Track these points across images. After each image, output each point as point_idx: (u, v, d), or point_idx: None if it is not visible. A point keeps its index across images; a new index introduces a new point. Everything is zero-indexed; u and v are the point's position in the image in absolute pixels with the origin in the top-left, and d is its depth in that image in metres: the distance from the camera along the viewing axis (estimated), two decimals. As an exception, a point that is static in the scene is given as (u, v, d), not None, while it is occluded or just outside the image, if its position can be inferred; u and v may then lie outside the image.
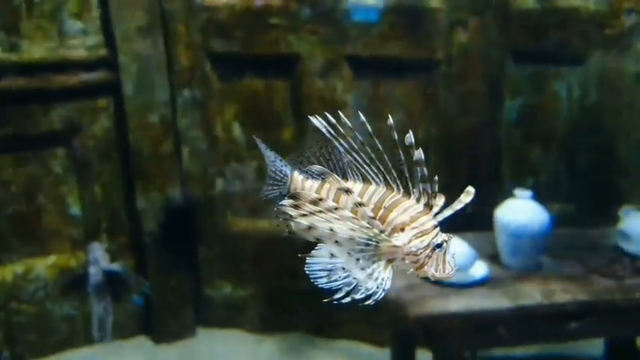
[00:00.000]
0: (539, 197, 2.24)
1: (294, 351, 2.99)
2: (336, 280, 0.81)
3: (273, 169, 0.94)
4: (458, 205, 0.83)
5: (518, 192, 2.22)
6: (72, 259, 2.92)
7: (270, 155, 0.95)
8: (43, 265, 2.90)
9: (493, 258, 2.24)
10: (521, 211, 2.18)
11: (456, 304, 1.95)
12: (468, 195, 0.83)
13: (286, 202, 0.82)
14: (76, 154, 2.88)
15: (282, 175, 0.93)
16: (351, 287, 0.81)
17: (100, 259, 2.17)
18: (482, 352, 2.61)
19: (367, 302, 0.80)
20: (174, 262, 3.06)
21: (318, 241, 0.82)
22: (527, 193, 2.21)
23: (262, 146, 0.95)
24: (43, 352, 2.92)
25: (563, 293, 2.03)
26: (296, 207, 0.82)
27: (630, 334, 2.36)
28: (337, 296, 0.81)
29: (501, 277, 2.14)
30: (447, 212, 0.83)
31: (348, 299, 0.81)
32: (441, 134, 2.81)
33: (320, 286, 0.81)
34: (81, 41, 2.72)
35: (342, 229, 0.80)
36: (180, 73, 2.88)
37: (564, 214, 2.86)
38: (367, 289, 0.80)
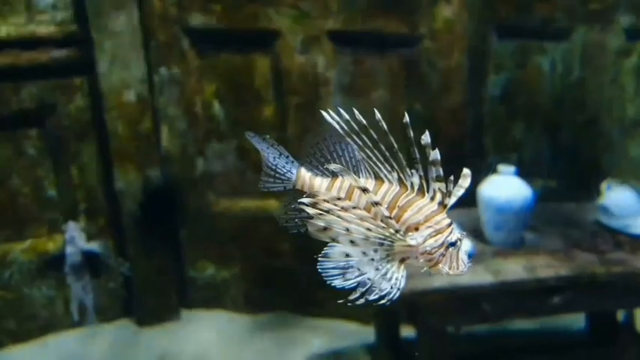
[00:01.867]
0: (522, 173, 2.23)
1: (278, 330, 2.99)
2: (349, 280, 0.80)
3: (275, 164, 0.91)
4: (459, 191, 0.82)
5: (501, 168, 2.21)
6: (49, 242, 2.86)
7: (276, 150, 0.91)
8: (20, 250, 2.84)
9: (476, 234, 2.23)
10: (504, 187, 2.17)
11: (439, 280, 1.95)
12: (465, 178, 0.82)
13: (306, 200, 0.81)
14: (51, 134, 2.80)
15: (286, 170, 0.90)
16: (366, 288, 0.80)
17: (77, 238, 2.11)
18: (466, 328, 2.62)
19: (381, 302, 0.80)
20: (156, 243, 3.02)
21: (333, 240, 0.81)
22: (511, 168, 2.20)
23: (270, 142, 0.91)
24: (23, 338, 2.88)
25: (545, 268, 2.04)
26: (313, 206, 0.81)
27: (611, 307, 2.38)
28: (352, 297, 0.80)
29: (484, 253, 2.14)
30: (451, 201, 0.82)
31: (362, 300, 0.80)
32: (424, 110, 2.78)
33: (334, 285, 0.80)
34: (51, 16, 2.62)
35: (358, 229, 0.80)
36: (156, 49, 2.80)
37: (547, 189, 2.87)
38: (381, 290, 0.80)
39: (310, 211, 0.80)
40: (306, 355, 2.76)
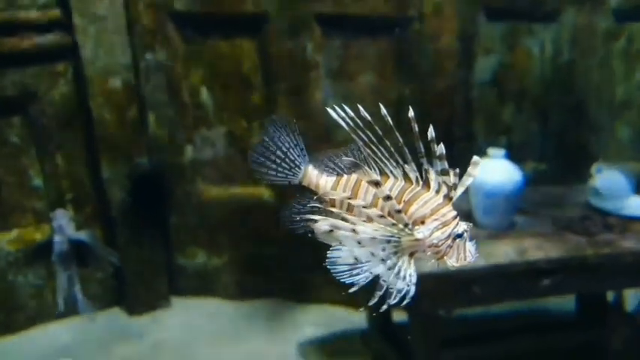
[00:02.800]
0: (512, 156, 2.23)
1: (270, 317, 2.99)
2: (358, 274, 0.81)
3: (286, 155, 0.90)
4: (468, 180, 0.82)
5: (491, 151, 2.20)
6: (36, 232, 2.82)
7: (292, 140, 0.90)
8: (6, 240, 2.79)
9: (467, 217, 2.22)
10: (494, 171, 2.16)
11: (430, 264, 1.94)
12: (475, 166, 0.81)
13: (314, 204, 0.83)
14: (34, 122, 2.75)
15: (294, 165, 0.90)
16: (383, 290, 0.82)
17: (65, 226, 2.07)
18: (457, 311, 2.63)
19: (404, 302, 0.81)
20: (145, 231, 2.99)
21: (340, 243, 0.81)
22: (501, 152, 2.19)
23: (293, 129, 0.90)
24: (12, 328, 2.85)
25: (536, 251, 2.04)
26: (321, 209, 0.82)
27: (601, 289, 2.40)
28: (372, 303, 0.82)
29: (475, 236, 2.12)
30: (460, 190, 0.82)
31: (385, 306, 0.82)
32: (414, 94, 2.76)
33: (343, 281, 0.81)
34: (32, 1, 2.55)
35: (365, 229, 0.80)
36: (141, 34, 2.74)
37: (537, 172, 2.87)
38: (399, 290, 0.82)
39: (317, 218, 0.80)
40: (299, 342, 2.76)
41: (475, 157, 0.81)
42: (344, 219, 0.81)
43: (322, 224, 0.80)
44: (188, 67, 2.85)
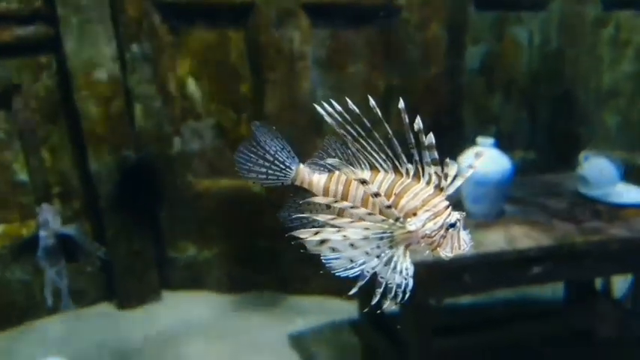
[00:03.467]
0: (501, 145, 2.22)
1: (262, 309, 2.98)
2: (352, 268, 0.81)
3: (276, 157, 0.89)
4: (469, 172, 0.82)
5: (480, 140, 2.20)
6: (22, 228, 2.78)
7: (278, 144, 0.89)
8: (-8, 236, 2.76)
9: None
10: (484, 160, 2.15)
11: (420, 253, 1.94)
12: (477, 158, 0.82)
13: (302, 216, 0.83)
14: (18, 116, 2.70)
15: (285, 166, 0.89)
16: (382, 288, 0.82)
17: (51, 221, 2.04)
18: (448, 300, 2.65)
19: (406, 297, 0.82)
20: (134, 225, 2.97)
21: (334, 250, 0.81)
22: (490, 140, 2.19)
23: (275, 134, 0.89)
24: (1, 325, 2.82)
25: (525, 239, 2.05)
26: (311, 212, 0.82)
27: (590, 276, 2.42)
28: (374, 302, 0.81)
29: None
30: (459, 181, 0.82)
31: (388, 304, 0.82)
32: (403, 83, 2.75)
33: (337, 274, 0.81)
34: (12, -9, 2.50)
35: (356, 232, 0.80)
36: (126, 25, 2.70)
37: (526, 160, 2.89)
38: (398, 285, 0.82)
39: (305, 235, 0.79)
40: (290, 333, 2.76)
41: (478, 149, 0.81)
42: (333, 223, 0.80)
43: (312, 237, 0.80)
44: (175, 57, 2.82)
